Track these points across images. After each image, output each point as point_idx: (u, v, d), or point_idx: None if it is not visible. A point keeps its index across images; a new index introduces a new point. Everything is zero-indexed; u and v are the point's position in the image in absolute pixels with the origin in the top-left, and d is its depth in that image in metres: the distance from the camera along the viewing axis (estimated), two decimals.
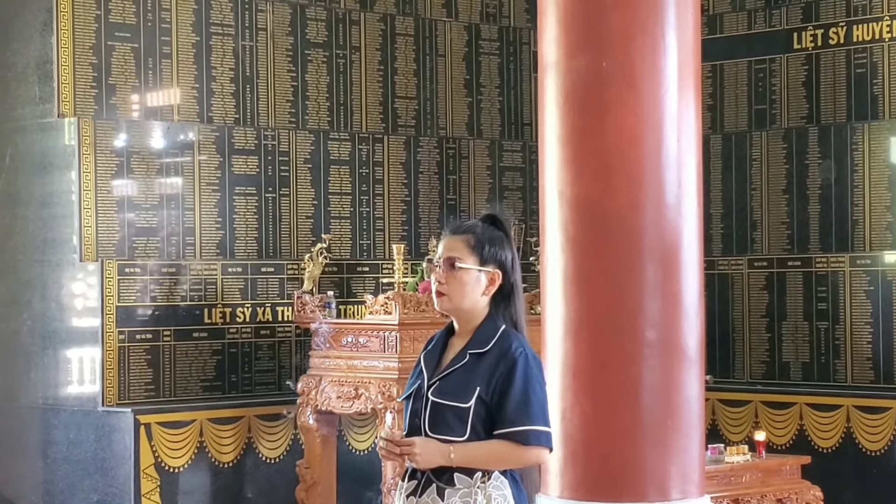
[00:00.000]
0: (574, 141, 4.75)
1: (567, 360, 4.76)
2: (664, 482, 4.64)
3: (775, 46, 8.51)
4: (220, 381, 7.36)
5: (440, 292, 3.79)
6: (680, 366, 4.72)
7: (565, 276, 4.77)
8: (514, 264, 3.86)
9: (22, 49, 7.30)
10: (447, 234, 3.87)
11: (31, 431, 7.27)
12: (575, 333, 4.72)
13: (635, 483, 4.63)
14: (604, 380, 4.70)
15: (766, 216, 8.48)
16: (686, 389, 4.71)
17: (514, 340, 3.76)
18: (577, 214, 4.75)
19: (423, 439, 3.72)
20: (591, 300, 4.71)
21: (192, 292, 7.30)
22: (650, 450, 4.66)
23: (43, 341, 7.24)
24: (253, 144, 7.63)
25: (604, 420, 4.68)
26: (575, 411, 4.70)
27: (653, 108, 4.65)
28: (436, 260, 3.82)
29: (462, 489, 3.70)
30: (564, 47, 4.73)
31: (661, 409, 4.65)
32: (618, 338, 4.67)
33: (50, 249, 7.21)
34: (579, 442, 4.68)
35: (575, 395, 4.72)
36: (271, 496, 7.26)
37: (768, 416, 8.09)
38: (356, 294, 7.74)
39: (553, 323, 4.80)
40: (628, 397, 4.67)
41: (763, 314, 8.44)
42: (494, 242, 3.82)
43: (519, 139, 8.65)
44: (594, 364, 4.72)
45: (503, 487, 3.72)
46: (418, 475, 3.77)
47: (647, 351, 4.65)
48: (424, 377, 3.81)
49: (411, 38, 8.26)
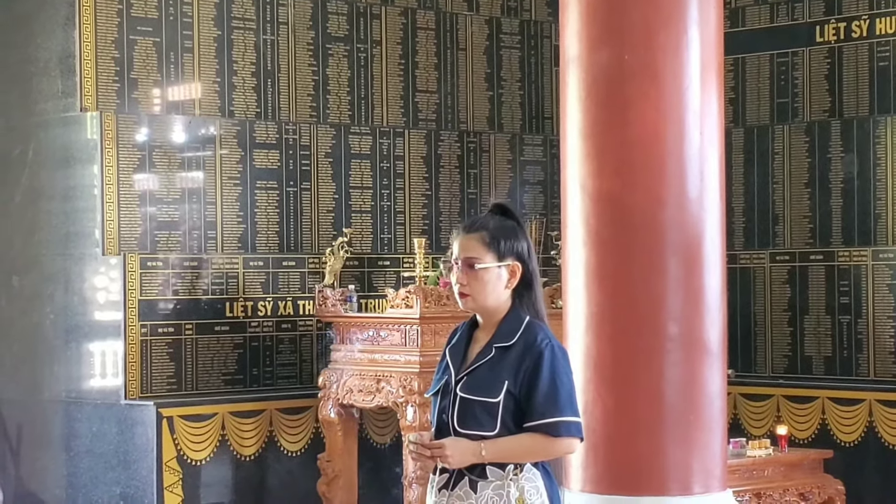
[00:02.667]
0: (596, 135, 4.75)
1: (589, 355, 4.75)
2: (686, 476, 4.63)
3: (798, 40, 8.48)
4: (242, 374, 7.38)
5: (463, 293, 3.79)
6: (702, 360, 4.71)
7: (587, 271, 4.77)
8: (530, 252, 3.85)
9: (45, 44, 7.33)
10: (460, 233, 3.85)
11: (54, 424, 7.30)
12: (597, 328, 4.71)
13: (657, 477, 4.62)
14: (626, 374, 4.70)
15: (789, 210, 8.46)
16: (708, 384, 4.71)
17: (539, 332, 3.77)
18: (598, 208, 4.74)
19: (453, 440, 3.71)
20: (612, 294, 4.70)
21: (214, 286, 7.32)
22: (672, 444, 4.65)
23: (66, 335, 7.27)
24: (274, 138, 7.65)
25: (626, 414, 4.68)
26: (597, 405, 4.70)
27: (675, 101, 4.64)
28: (453, 260, 3.82)
29: (494, 482, 3.70)
30: (586, 41, 4.72)
31: (683, 404, 4.65)
32: (640, 332, 4.66)
33: (72, 243, 7.23)
34: (601, 436, 4.68)
35: (597, 389, 4.71)
36: (293, 489, 7.27)
37: (790, 411, 8.08)
38: (377, 288, 7.75)
39: (575, 317, 4.80)
40: (650, 392, 4.66)
41: (785, 308, 8.42)
42: (509, 235, 3.81)
43: (540, 133, 8.64)
44: (616, 358, 4.72)
45: (535, 479, 3.72)
46: (449, 469, 3.76)
47: (669, 345, 4.65)
48: (451, 372, 3.80)
49: (432, 31, 8.26)
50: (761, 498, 6.49)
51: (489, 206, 3.92)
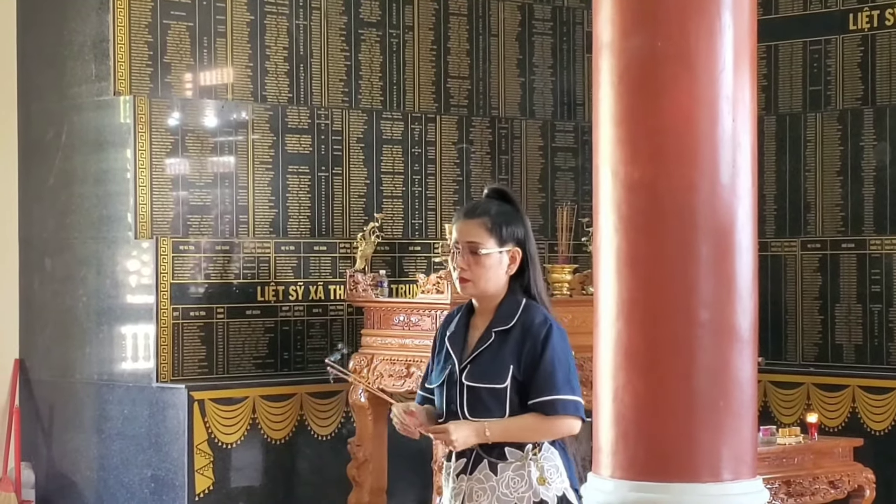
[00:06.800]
0: (628, 121, 4.73)
1: (619, 341, 4.75)
2: (716, 463, 4.63)
3: (831, 27, 8.45)
4: (273, 358, 7.41)
5: (464, 278, 3.81)
6: (733, 347, 4.70)
7: (618, 257, 4.76)
8: (528, 237, 3.90)
9: (79, 28, 7.37)
10: (461, 218, 3.90)
11: (87, 407, 7.36)
12: (628, 314, 4.70)
13: (687, 463, 4.61)
14: (656, 360, 4.69)
15: (820, 198, 8.43)
16: (739, 371, 4.69)
17: (536, 314, 3.82)
18: (630, 195, 4.73)
19: (456, 422, 3.75)
20: (644, 281, 4.69)
21: (246, 270, 7.35)
22: (702, 430, 4.64)
23: (98, 317, 7.31)
24: (306, 123, 7.67)
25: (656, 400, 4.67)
26: (627, 391, 4.70)
27: (708, 88, 4.62)
28: (452, 245, 3.86)
29: (514, 462, 3.73)
30: (619, 27, 4.71)
31: (714, 390, 4.64)
32: (671, 318, 4.65)
33: (105, 226, 7.28)
34: (631, 422, 4.67)
35: (627, 375, 4.71)
36: (323, 473, 7.31)
37: (820, 399, 8.06)
38: (408, 273, 7.77)
39: (606, 304, 4.79)
40: (681, 378, 4.65)
41: (816, 296, 8.40)
42: (510, 220, 3.87)
43: (571, 119, 8.64)
44: (647, 345, 4.71)
45: (554, 458, 3.77)
46: (466, 452, 3.78)
47: (700, 332, 4.63)
48: (455, 361, 3.81)
49: (464, 17, 8.26)
50: (791, 485, 6.49)
51: (486, 190, 3.99)
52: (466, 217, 3.88)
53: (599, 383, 4.71)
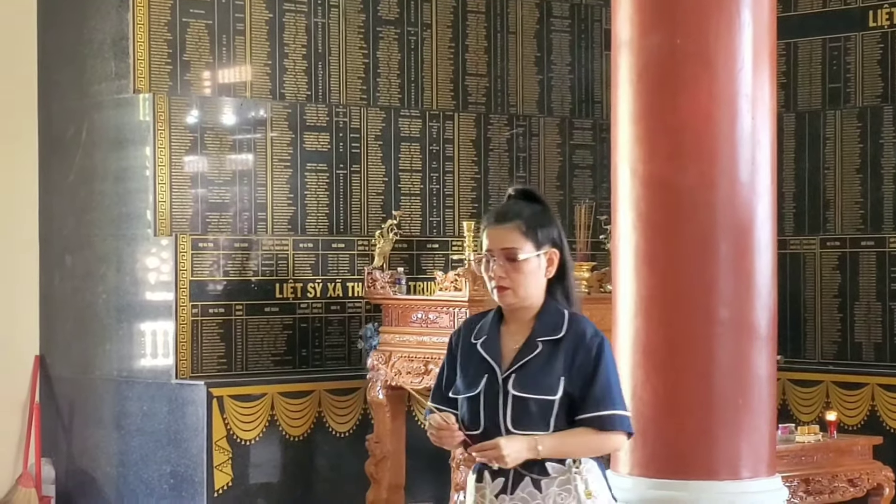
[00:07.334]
0: (647, 118, 4.74)
1: (638, 339, 4.76)
2: (735, 461, 4.63)
3: (850, 24, 8.42)
4: (291, 355, 7.43)
5: (503, 286, 3.60)
6: (751, 345, 4.70)
7: (637, 254, 4.76)
8: (562, 237, 3.70)
9: (98, 26, 7.39)
10: (492, 224, 3.65)
11: (106, 403, 7.38)
12: (646, 311, 4.71)
13: (706, 461, 4.62)
14: (675, 358, 4.69)
15: (840, 196, 8.41)
16: (757, 368, 4.70)
17: (587, 325, 3.64)
18: (649, 192, 4.74)
19: (507, 438, 3.56)
20: (662, 278, 4.70)
21: (264, 267, 7.37)
22: (721, 428, 4.65)
23: (118, 314, 7.34)
24: (324, 121, 7.68)
25: (675, 398, 4.67)
26: (646, 389, 4.70)
27: (727, 85, 4.62)
28: (486, 254, 3.63)
29: (558, 477, 3.59)
30: (638, 24, 4.71)
31: (733, 388, 4.64)
32: (689, 316, 4.66)
33: (125, 224, 7.30)
34: (650, 420, 4.68)
35: (646, 373, 4.71)
36: (341, 470, 7.32)
37: (839, 397, 8.04)
38: (426, 271, 7.77)
39: (624, 301, 4.80)
40: (699, 375, 4.65)
41: (835, 294, 8.38)
42: (543, 221, 3.65)
43: (590, 117, 8.63)
44: (665, 342, 4.71)
45: (595, 469, 3.64)
46: (504, 470, 3.62)
47: (718, 329, 4.64)
48: (497, 370, 3.63)
49: (482, 15, 8.26)
50: (809, 483, 6.48)
51: (512, 191, 3.72)
52: (498, 222, 3.64)
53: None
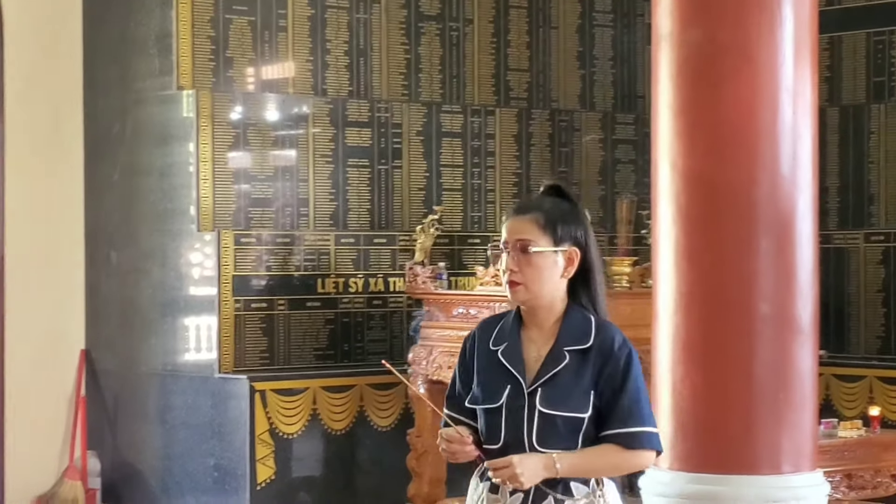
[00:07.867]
0: (688, 113, 4.73)
1: (678, 334, 4.75)
2: (776, 455, 4.62)
3: (894, 17, 8.36)
4: (333, 350, 7.46)
5: (514, 281, 3.37)
6: (793, 339, 4.68)
7: (677, 250, 4.76)
8: (588, 239, 3.43)
9: (142, 22, 7.45)
10: (511, 215, 3.46)
11: (151, 397, 7.44)
12: (687, 307, 4.70)
13: (746, 456, 4.61)
14: (716, 353, 4.69)
15: (884, 190, 8.35)
16: (799, 363, 4.68)
17: (615, 334, 3.39)
18: (689, 187, 4.73)
19: (521, 456, 3.30)
20: (703, 273, 4.69)
21: (306, 262, 7.41)
22: (762, 423, 4.63)
23: (162, 309, 7.40)
24: (366, 117, 7.71)
25: (715, 393, 4.67)
26: (685, 384, 4.69)
27: (768, 79, 4.61)
28: (502, 245, 3.43)
29: (581, 499, 3.36)
30: (679, 19, 4.70)
31: (774, 383, 4.62)
32: (730, 311, 4.65)
33: (169, 219, 7.36)
34: (690, 415, 4.67)
35: (686, 368, 4.71)
36: (382, 464, 7.35)
37: (883, 392, 7.99)
38: (467, 266, 7.79)
39: (665, 296, 4.79)
40: (740, 370, 4.64)
41: (879, 289, 8.33)
42: (566, 218, 3.43)
43: (632, 112, 8.61)
44: (706, 337, 4.70)
45: (613, 490, 3.43)
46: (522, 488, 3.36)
47: (759, 325, 4.63)
48: (522, 383, 3.36)
49: (524, 10, 8.26)
50: (852, 479, 6.44)
51: (542, 186, 3.56)
52: (517, 214, 3.46)
53: (658, 376, 4.72)
